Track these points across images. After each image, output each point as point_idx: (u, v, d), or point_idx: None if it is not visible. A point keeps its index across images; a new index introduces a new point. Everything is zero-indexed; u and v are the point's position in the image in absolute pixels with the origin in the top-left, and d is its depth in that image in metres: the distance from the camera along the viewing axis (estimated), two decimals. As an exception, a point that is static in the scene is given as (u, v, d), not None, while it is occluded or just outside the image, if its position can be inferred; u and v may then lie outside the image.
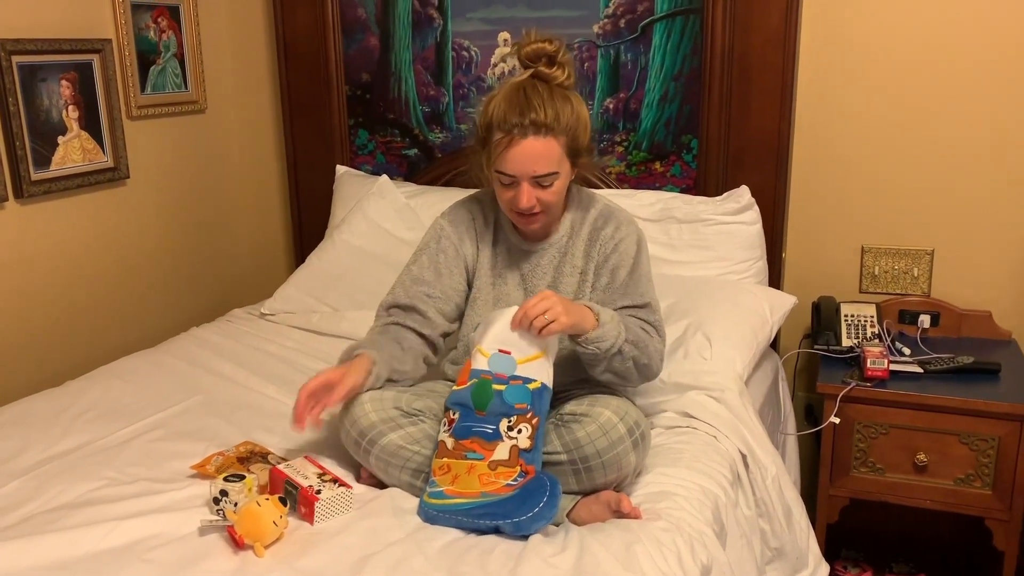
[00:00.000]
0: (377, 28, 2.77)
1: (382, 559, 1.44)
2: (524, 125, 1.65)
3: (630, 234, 1.81)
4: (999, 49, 2.31)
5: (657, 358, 1.76)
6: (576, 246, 1.83)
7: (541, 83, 1.70)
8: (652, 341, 1.75)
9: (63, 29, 2.44)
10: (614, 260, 1.80)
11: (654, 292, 1.82)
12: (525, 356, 1.62)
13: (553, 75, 1.71)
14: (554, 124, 1.66)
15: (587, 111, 1.77)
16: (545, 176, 1.69)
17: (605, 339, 1.64)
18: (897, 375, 2.23)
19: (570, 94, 1.73)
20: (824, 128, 2.49)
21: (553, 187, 1.71)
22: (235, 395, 2.12)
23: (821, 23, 2.43)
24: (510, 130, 1.66)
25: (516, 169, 1.68)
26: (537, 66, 1.72)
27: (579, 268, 1.83)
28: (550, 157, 1.68)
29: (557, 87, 1.71)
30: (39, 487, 1.68)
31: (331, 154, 2.90)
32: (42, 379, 2.35)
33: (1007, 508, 2.14)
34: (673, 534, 1.51)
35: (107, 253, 2.63)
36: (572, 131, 1.70)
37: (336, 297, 2.55)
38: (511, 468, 1.58)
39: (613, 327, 1.66)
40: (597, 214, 1.84)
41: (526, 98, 1.66)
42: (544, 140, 1.66)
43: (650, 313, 1.78)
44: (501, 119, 1.67)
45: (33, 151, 2.36)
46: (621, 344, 1.66)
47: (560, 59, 1.72)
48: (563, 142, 1.69)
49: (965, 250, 2.45)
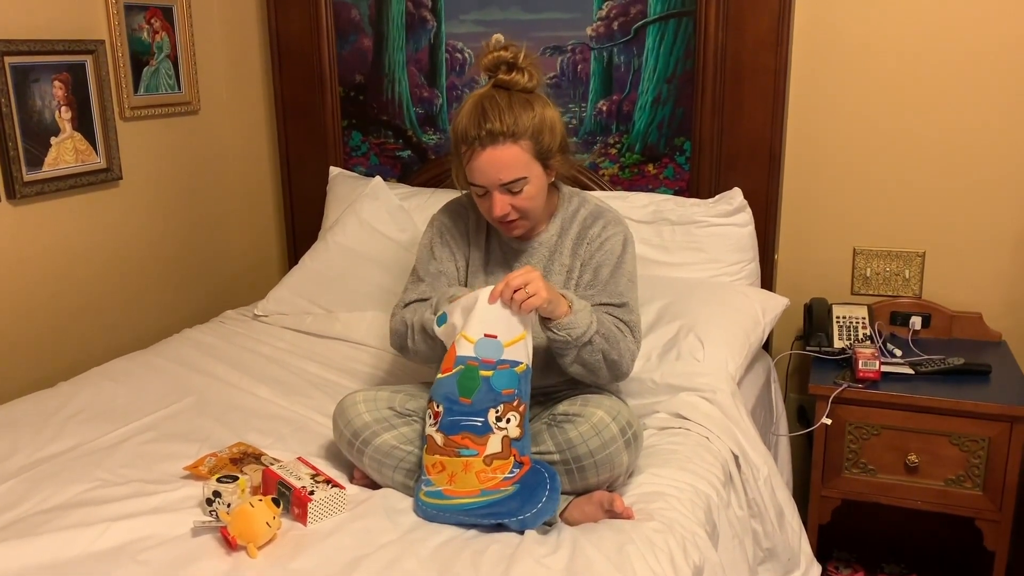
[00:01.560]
0: (371, 29, 2.77)
1: (375, 560, 1.44)
2: (482, 136, 1.68)
3: (616, 233, 1.83)
4: (990, 52, 2.33)
5: (628, 356, 1.75)
6: (565, 244, 1.85)
7: (502, 92, 1.72)
8: (624, 339, 1.74)
9: (56, 30, 2.43)
10: (598, 258, 1.81)
11: (635, 293, 1.82)
12: (510, 338, 1.61)
13: (513, 81, 1.73)
14: (513, 129, 1.68)
15: (554, 111, 1.78)
16: (513, 183, 1.70)
17: (576, 326, 1.64)
18: (888, 376, 2.24)
19: (532, 97, 1.74)
20: (816, 130, 2.50)
21: (525, 192, 1.72)
22: (228, 396, 2.12)
23: (813, 26, 2.44)
24: (471, 143, 1.70)
25: (483, 179, 1.71)
26: (497, 75, 1.75)
27: (567, 266, 1.85)
28: (514, 163, 1.69)
29: (519, 92, 1.73)
30: (31, 489, 1.68)
31: (324, 155, 2.90)
32: (34, 381, 2.34)
33: (997, 508, 2.15)
34: (665, 535, 1.52)
35: (100, 254, 2.63)
36: (536, 134, 1.71)
37: (329, 299, 2.55)
38: (506, 460, 1.58)
39: (585, 316, 1.66)
40: (587, 213, 1.86)
41: (483, 110, 1.69)
42: (505, 148, 1.68)
43: (627, 312, 1.78)
44: (463, 133, 1.71)
45: (26, 152, 2.35)
46: (592, 335, 1.66)
47: (520, 63, 1.74)
48: (527, 146, 1.70)
49: (956, 252, 2.46)
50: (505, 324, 1.61)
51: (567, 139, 1.84)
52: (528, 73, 1.74)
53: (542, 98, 1.77)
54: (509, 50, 1.74)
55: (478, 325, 1.61)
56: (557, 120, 1.77)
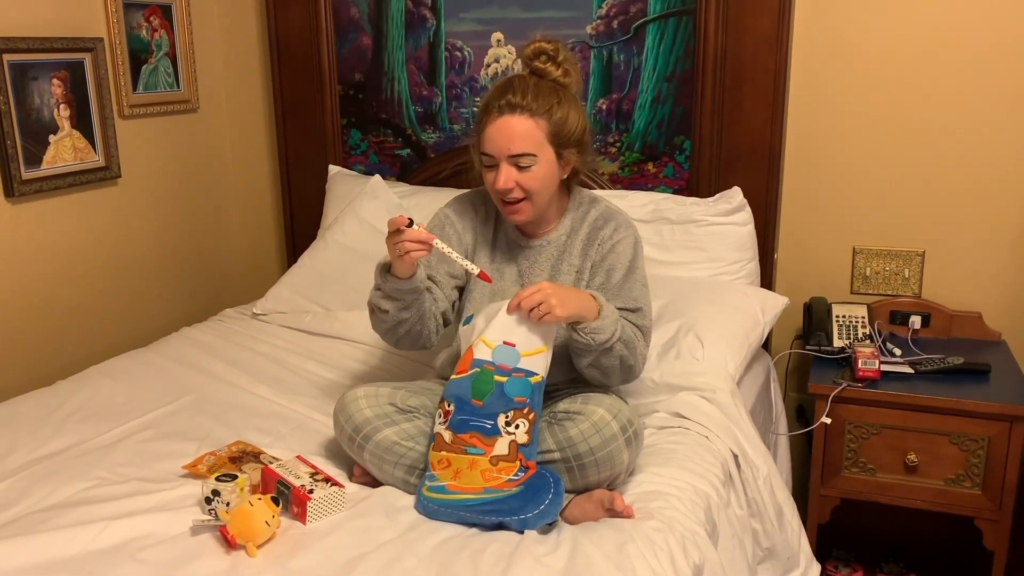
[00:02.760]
0: (370, 28, 2.77)
1: (374, 559, 1.44)
2: (502, 105, 1.72)
3: (628, 236, 1.84)
4: (990, 51, 2.33)
5: (641, 361, 1.79)
6: (574, 245, 1.85)
7: (534, 76, 1.77)
8: (640, 345, 1.77)
9: (55, 28, 2.43)
10: (610, 260, 1.82)
11: (648, 297, 1.84)
12: (529, 349, 1.62)
13: (547, 70, 1.77)
14: (532, 105, 1.71)
15: (580, 112, 1.80)
16: (522, 156, 1.72)
17: (602, 332, 1.65)
18: (888, 376, 2.24)
19: (562, 91, 1.77)
20: (816, 130, 2.50)
21: (532, 171, 1.73)
22: (227, 395, 2.12)
23: (813, 25, 2.44)
24: (491, 110, 1.74)
25: (492, 148, 1.73)
26: (534, 62, 1.79)
27: (576, 267, 1.85)
28: (527, 137, 1.71)
29: (550, 82, 1.76)
30: (29, 487, 1.68)
31: (323, 154, 2.90)
32: (32, 379, 2.34)
33: (997, 508, 2.15)
34: (665, 534, 1.52)
35: (98, 252, 2.62)
36: (556, 119, 1.73)
37: (328, 297, 2.55)
38: (511, 463, 1.58)
39: (612, 322, 1.67)
40: (598, 215, 1.86)
41: (510, 83, 1.75)
42: (521, 118, 1.71)
43: (641, 317, 1.80)
44: (486, 103, 1.76)
45: (24, 150, 2.35)
46: (615, 342, 1.68)
47: (558, 58, 1.78)
48: (543, 125, 1.72)
49: (956, 252, 2.46)
50: (526, 335, 1.63)
51: (590, 141, 1.86)
52: (563, 69, 1.78)
53: (572, 96, 1.80)
54: (551, 43, 1.79)
55: (499, 332, 1.63)
56: (581, 120, 1.79)
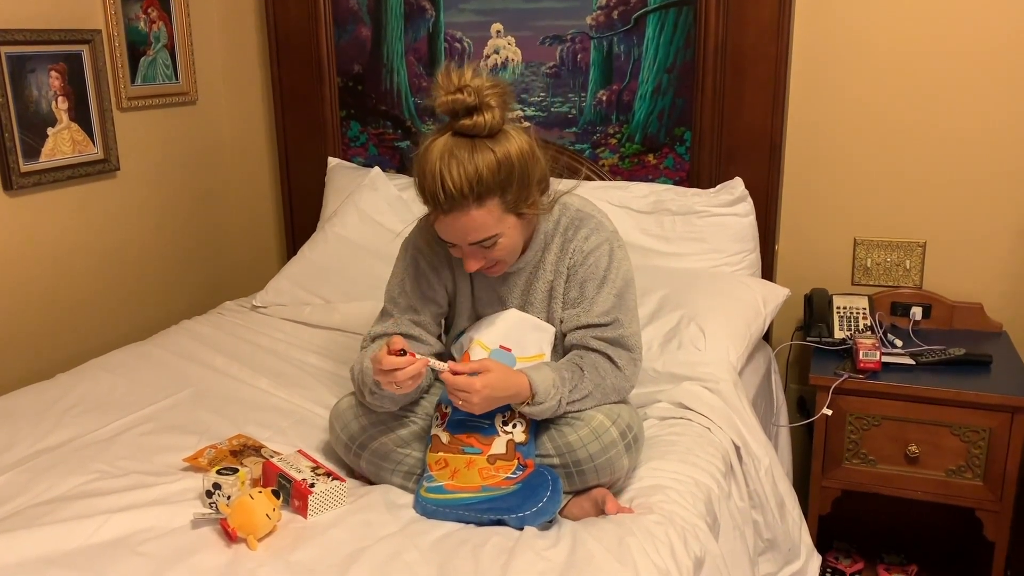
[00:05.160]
0: (369, 19, 2.76)
1: (375, 553, 1.44)
2: (442, 204, 1.52)
3: (601, 243, 1.69)
4: (992, 42, 2.31)
5: (624, 382, 1.69)
6: (547, 259, 1.72)
7: (463, 140, 1.53)
8: (609, 375, 1.65)
9: (52, 20, 2.42)
10: (582, 273, 1.69)
11: (627, 304, 1.71)
12: (525, 356, 1.63)
13: (476, 125, 1.52)
14: (478, 191, 1.51)
15: (524, 142, 1.57)
16: (484, 241, 1.57)
17: (544, 410, 1.59)
18: (889, 367, 2.23)
19: (494, 144, 1.53)
20: (817, 121, 2.49)
21: (499, 245, 1.59)
22: (227, 388, 2.11)
23: (814, 16, 2.43)
24: (435, 208, 1.55)
25: (450, 238, 1.59)
26: (456, 122, 1.54)
27: (550, 282, 1.72)
28: (482, 226, 1.55)
29: (482, 139, 1.53)
30: (29, 481, 1.67)
31: (323, 146, 2.89)
32: (32, 372, 2.33)
33: (998, 499, 2.15)
34: (666, 527, 1.51)
35: (97, 245, 2.62)
36: (503, 186, 1.54)
37: (328, 289, 2.54)
38: (509, 462, 1.58)
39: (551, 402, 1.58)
40: (568, 221, 1.71)
41: (441, 175, 1.50)
42: (470, 214, 1.53)
43: (614, 330, 1.67)
44: (425, 194, 1.55)
45: (22, 142, 2.34)
46: (563, 409, 1.61)
47: (482, 101, 1.52)
48: (495, 205, 1.54)
49: (957, 243, 2.46)
50: (522, 342, 1.62)
51: (545, 169, 1.65)
52: (492, 111, 1.52)
53: (508, 132, 1.56)
54: (465, 91, 1.51)
55: (495, 337, 1.63)
56: (528, 155, 1.57)
